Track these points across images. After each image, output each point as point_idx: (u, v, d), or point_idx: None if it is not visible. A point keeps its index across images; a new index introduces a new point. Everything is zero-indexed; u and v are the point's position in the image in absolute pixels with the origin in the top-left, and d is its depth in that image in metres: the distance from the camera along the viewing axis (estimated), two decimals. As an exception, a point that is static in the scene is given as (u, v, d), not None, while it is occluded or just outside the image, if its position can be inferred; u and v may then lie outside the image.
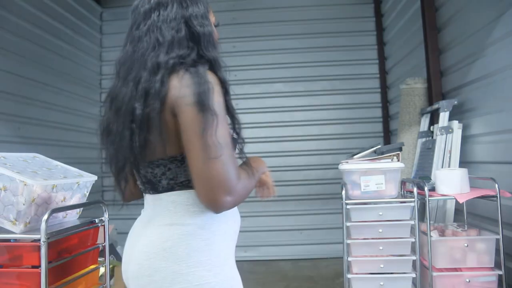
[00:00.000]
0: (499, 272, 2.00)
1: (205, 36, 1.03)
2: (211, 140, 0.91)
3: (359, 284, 2.16)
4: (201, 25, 1.03)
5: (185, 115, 0.93)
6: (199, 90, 0.93)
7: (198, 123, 0.91)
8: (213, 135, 0.91)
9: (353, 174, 2.21)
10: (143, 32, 1.02)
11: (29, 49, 3.38)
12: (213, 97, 0.93)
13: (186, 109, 0.93)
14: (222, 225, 1.03)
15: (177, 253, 0.97)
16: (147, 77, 0.97)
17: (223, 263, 1.01)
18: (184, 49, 1.00)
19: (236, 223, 1.11)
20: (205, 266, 0.97)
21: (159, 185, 1.03)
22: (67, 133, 3.88)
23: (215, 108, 0.92)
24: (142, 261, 0.99)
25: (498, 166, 2.32)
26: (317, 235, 4.49)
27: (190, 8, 1.04)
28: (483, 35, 2.44)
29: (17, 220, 1.57)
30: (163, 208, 1.02)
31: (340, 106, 4.64)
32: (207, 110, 0.91)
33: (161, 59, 0.97)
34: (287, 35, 4.69)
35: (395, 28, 4.18)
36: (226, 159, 0.92)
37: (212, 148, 0.91)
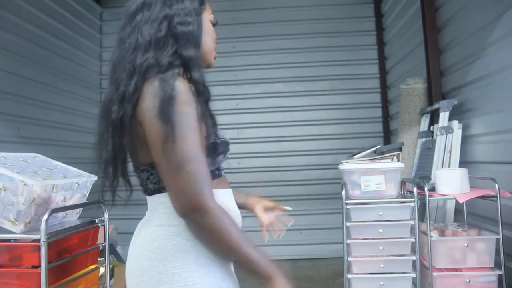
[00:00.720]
0: (499, 272, 2.00)
1: (184, 35, 0.99)
2: (172, 154, 0.88)
3: (359, 284, 2.16)
4: (182, 23, 1.00)
5: (148, 127, 0.92)
6: (161, 102, 0.89)
7: (159, 136, 0.89)
8: (173, 148, 0.88)
9: (353, 174, 2.21)
10: (127, 33, 1.01)
11: (29, 49, 3.38)
12: (176, 108, 0.89)
13: (150, 122, 0.91)
14: None
15: (163, 253, 0.97)
16: (125, 80, 0.96)
17: (211, 265, 0.99)
18: (160, 50, 0.97)
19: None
20: (191, 267, 0.96)
21: (147, 188, 1.04)
22: (67, 133, 3.88)
23: (178, 119, 0.89)
24: (133, 261, 1.01)
25: (498, 166, 2.32)
26: (317, 235, 4.49)
27: (175, 6, 1.01)
28: (483, 35, 2.44)
29: (17, 220, 1.57)
30: (154, 209, 1.03)
31: (340, 106, 4.64)
32: (168, 123, 0.88)
33: (137, 62, 0.96)
34: (287, 35, 4.69)
35: (395, 28, 4.18)
36: (196, 171, 0.89)
37: (174, 162, 0.89)
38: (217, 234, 0.92)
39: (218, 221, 0.91)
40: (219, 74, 4.51)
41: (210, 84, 1.04)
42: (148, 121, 0.92)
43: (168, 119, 0.89)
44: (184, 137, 0.89)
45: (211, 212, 0.90)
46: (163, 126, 0.89)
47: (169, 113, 0.89)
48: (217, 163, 1.05)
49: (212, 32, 1.11)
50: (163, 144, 0.89)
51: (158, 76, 0.93)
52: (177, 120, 0.89)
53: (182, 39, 0.99)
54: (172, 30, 0.99)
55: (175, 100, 0.90)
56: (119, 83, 0.97)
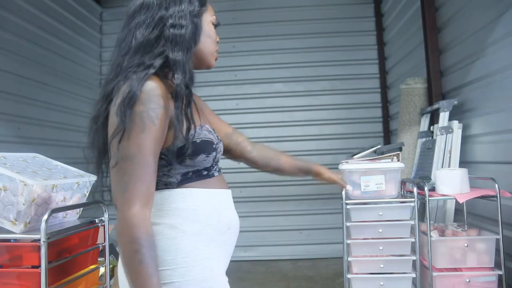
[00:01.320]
0: (499, 272, 2.00)
1: (175, 38, 0.99)
2: (113, 149, 0.92)
3: (359, 284, 2.16)
4: (175, 26, 1.00)
5: (110, 120, 0.96)
6: (122, 99, 0.92)
7: (111, 129, 0.94)
8: (116, 144, 0.92)
9: (353, 174, 2.21)
10: (124, 35, 1.03)
11: (29, 49, 3.38)
12: (133, 106, 0.91)
13: (110, 117, 0.96)
14: (194, 225, 1.01)
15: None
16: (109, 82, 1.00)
17: (192, 264, 0.98)
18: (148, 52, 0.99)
19: (222, 223, 1.05)
20: (170, 265, 0.97)
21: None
22: (67, 133, 3.88)
23: (131, 117, 0.91)
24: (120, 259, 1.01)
25: (498, 166, 2.32)
26: (317, 235, 4.49)
27: (171, 8, 1.01)
28: (483, 35, 2.44)
29: (17, 220, 1.57)
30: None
31: (340, 106, 4.64)
32: (120, 119, 0.91)
33: (124, 64, 0.98)
34: (287, 35, 4.69)
35: (395, 28, 4.18)
36: (121, 172, 0.91)
37: (113, 157, 0.92)
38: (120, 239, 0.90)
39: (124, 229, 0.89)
40: (219, 74, 4.51)
41: (210, 84, 1.04)
42: (111, 117, 0.95)
43: (122, 115, 0.91)
44: (129, 135, 0.91)
45: (123, 215, 0.90)
46: (116, 121, 0.92)
47: (125, 110, 0.91)
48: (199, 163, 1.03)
49: (213, 33, 1.11)
50: (110, 138, 0.93)
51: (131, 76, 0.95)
52: (129, 118, 0.91)
53: (172, 42, 0.99)
54: (164, 33, 0.99)
55: (135, 99, 0.91)
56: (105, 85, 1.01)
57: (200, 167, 1.03)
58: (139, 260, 0.88)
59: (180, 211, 1.00)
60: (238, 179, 4.43)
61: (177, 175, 1.02)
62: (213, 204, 1.04)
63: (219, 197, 1.08)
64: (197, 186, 1.03)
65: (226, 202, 1.10)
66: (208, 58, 1.11)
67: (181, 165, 1.00)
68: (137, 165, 0.91)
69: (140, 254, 0.88)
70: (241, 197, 4.45)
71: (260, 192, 4.54)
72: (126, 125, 0.91)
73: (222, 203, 1.08)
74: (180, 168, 1.01)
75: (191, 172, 1.03)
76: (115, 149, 0.92)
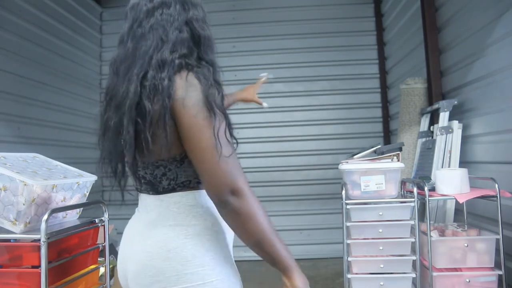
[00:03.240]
0: (499, 272, 2.00)
1: (206, 39, 1.04)
2: (223, 140, 0.93)
3: (359, 284, 2.16)
4: (201, 28, 1.05)
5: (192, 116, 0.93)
6: (208, 92, 0.94)
7: (208, 124, 0.93)
8: (223, 135, 0.94)
9: (353, 174, 2.21)
10: (146, 29, 1.02)
11: (29, 49, 3.38)
12: (220, 98, 0.96)
13: (194, 110, 0.93)
14: (222, 224, 1.04)
15: (182, 253, 0.98)
16: (153, 74, 0.96)
17: (225, 261, 1.03)
18: (185, 50, 1.01)
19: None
20: (210, 265, 0.99)
21: (159, 186, 1.02)
22: (67, 133, 3.88)
23: (222, 109, 0.96)
24: (146, 261, 0.99)
25: (498, 166, 2.32)
26: (317, 235, 4.49)
27: (191, 11, 1.05)
28: (483, 35, 2.44)
29: (17, 220, 1.57)
30: (165, 209, 1.02)
31: (340, 106, 4.64)
32: (215, 111, 0.94)
33: (166, 57, 0.98)
34: (287, 35, 4.69)
35: (395, 28, 4.18)
36: (234, 159, 0.95)
37: (224, 147, 0.93)
38: (249, 217, 0.94)
39: (252, 205, 0.94)
40: (219, 74, 4.50)
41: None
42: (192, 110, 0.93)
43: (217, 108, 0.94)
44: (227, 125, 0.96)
45: (246, 195, 0.94)
46: (213, 114, 0.93)
47: (216, 104, 0.94)
48: None
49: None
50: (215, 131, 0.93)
51: (194, 70, 0.97)
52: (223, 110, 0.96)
53: (203, 44, 1.04)
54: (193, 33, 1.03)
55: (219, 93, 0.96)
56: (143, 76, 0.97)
57: None
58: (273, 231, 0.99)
59: (213, 209, 1.02)
60: (238, 179, 4.43)
61: None
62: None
63: None
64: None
65: None
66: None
67: None
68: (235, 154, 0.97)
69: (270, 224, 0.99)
70: (241, 197, 4.44)
71: (260, 192, 4.51)
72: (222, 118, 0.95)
73: None
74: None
75: None
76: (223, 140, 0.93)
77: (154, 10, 1.03)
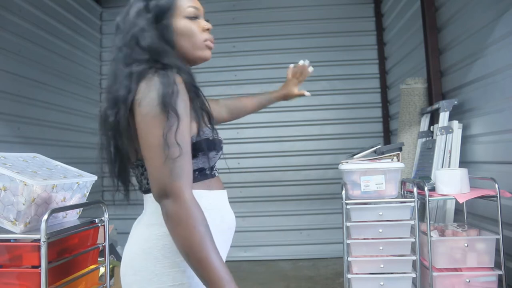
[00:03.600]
0: (499, 272, 2.00)
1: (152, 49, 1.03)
2: (171, 141, 0.91)
3: (359, 284, 2.16)
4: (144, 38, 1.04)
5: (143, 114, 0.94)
6: (163, 92, 0.93)
7: (157, 123, 0.92)
8: (172, 136, 0.92)
9: (353, 174, 2.21)
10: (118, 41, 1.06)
11: (29, 49, 3.38)
12: (177, 100, 0.94)
13: (146, 109, 0.94)
14: None
15: (154, 253, 0.98)
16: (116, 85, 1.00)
17: None
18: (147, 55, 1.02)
19: (224, 223, 1.09)
20: (180, 267, 0.98)
21: (141, 185, 1.07)
22: (67, 133, 3.88)
23: (178, 111, 0.93)
24: (128, 260, 1.03)
25: (498, 166, 2.32)
26: (317, 235, 4.49)
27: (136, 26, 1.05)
28: (483, 35, 2.44)
29: (17, 220, 1.57)
30: (147, 209, 1.06)
31: (340, 106, 4.64)
32: (169, 111, 0.92)
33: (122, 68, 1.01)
34: (287, 35, 4.69)
35: (395, 28, 4.18)
36: (181, 162, 0.92)
37: (165, 148, 0.91)
38: (180, 224, 0.90)
39: (186, 213, 0.90)
40: (219, 74, 4.51)
41: (210, 84, 1.04)
42: (142, 110, 0.94)
43: (170, 108, 0.92)
44: (179, 127, 0.93)
45: (183, 201, 0.90)
46: (163, 115, 0.92)
47: (172, 103, 0.93)
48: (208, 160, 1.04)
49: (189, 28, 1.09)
50: (162, 131, 0.92)
51: (158, 72, 0.97)
52: (177, 111, 0.93)
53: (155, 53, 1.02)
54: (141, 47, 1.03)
55: (176, 93, 0.94)
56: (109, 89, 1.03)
57: (207, 165, 1.05)
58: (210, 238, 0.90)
59: None
60: (238, 179, 4.43)
61: None
62: (216, 205, 1.07)
63: (220, 198, 1.11)
64: (201, 188, 1.04)
65: (226, 203, 1.13)
66: (195, 53, 1.10)
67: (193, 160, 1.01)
68: (184, 153, 0.93)
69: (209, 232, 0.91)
70: (241, 197, 4.45)
71: (260, 192, 4.54)
72: (177, 118, 0.93)
73: (223, 203, 1.11)
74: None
75: (197, 171, 1.04)
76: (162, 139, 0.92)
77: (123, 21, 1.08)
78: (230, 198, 1.16)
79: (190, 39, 1.09)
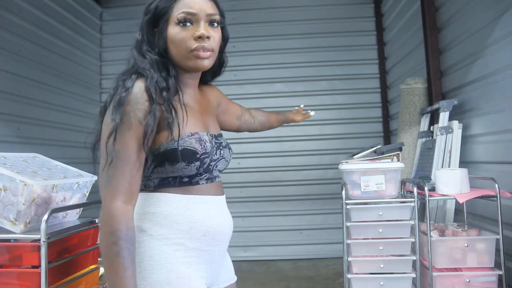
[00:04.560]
0: (499, 272, 2.00)
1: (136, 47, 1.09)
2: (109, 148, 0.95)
3: (359, 284, 2.16)
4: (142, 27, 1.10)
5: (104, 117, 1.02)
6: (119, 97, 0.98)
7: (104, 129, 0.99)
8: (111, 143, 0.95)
9: (353, 174, 2.21)
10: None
11: (29, 49, 3.38)
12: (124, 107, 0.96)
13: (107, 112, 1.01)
14: (163, 230, 1.02)
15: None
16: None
17: (156, 267, 1.00)
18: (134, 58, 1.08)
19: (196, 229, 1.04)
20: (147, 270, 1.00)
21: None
22: (67, 133, 3.88)
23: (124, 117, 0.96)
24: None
25: (498, 166, 2.32)
26: (317, 235, 4.49)
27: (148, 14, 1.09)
28: (483, 35, 2.44)
29: (17, 220, 1.57)
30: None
31: (340, 106, 4.63)
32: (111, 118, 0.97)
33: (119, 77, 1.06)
34: (287, 35, 4.69)
35: (395, 28, 4.18)
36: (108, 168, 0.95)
37: (104, 154, 0.96)
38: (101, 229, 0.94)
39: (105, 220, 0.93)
40: (219, 74, 4.50)
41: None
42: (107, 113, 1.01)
43: (117, 114, 0.96)
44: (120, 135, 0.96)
45: (104, 208, 0.94)
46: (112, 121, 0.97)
47: (119, 110, 0.96)
48: (178, 171, 1.02)
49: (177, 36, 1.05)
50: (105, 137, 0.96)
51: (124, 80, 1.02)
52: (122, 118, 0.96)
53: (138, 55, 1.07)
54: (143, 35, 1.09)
55: (125, 99, 0.97)
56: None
57: (181, 174, 1.03)
58: (115, 252, 0.91)
59: (151, 215, 1.03)
60: (238, 179, 4.43)
61: (156, 179, 1.04)
62: (186, 211, 1.03)
63: (197, 203, 1.05)
64: (173, 192, 1.04)
65: (206, 208, 1.07)
66: (184, 62, 1.07)
67: (161, 169, 1.02)
68: (121, 162, 0.95)
69: (118, 246, 0.91)
70: (241, 197, 4.45)
71: (260, 192, 4.54)
72: (117, 124, 0.95)
73: (199, 209, 1.05)
74: (160, 172, 1.03)
75: (171, 178, 1.04)
76: (104, 146, 0.96)
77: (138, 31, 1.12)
78: (230, 198, 1.14)
79: (178, 48, 1.06)
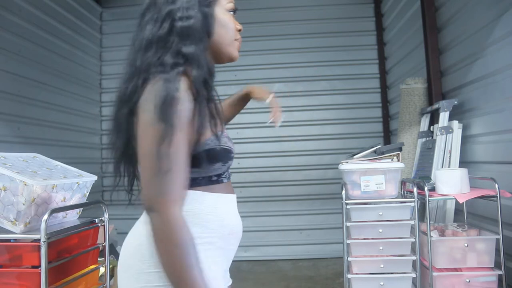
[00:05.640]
0: (499, 272, 2.00)
1: (184, 30, 0.96)
2: (164, 152, 0.87)
3: (359, 284, 2.16)
4: (182, 18, 0.97)
5: (141, 121, 0.91)
6: (161, 100, 0.88)
7: (152, 131, 0.88)
8: (166, 147, 0.87)
9: (353, 174, 2.21)
10: (136, 34, 1.01)
11: (29, 49, 3.38)
12: (176, 110, 0.88)
13: (145, 116, 0.90)
14: (194, 228, 0.97)
15: (142, 251, 0.96)
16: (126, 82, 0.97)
17: None
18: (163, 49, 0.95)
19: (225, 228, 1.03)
20: None
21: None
22: (67, 133, 3.88)
23: (175, 121, 0.88)
24: (121, 257, 1.02)
25: (498, 166, 2.32)
26: (317, 235, 4.49)
27: (178, 1, 0.98)
28: (483, 35, 2.44)
29: (17, 220, 1.57)
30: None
31: (340, 106, 4.64)
32: (166, 120, 0.87)
33: (137, 63, 0.96)
34: (287, 35, 4.69)
35: (395, 28, 4.18)
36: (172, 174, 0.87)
37: (164, 160, 0.87)
38: (164, 241, 0.86)
39: (170, 230, 0.86)
40: (219, 74, 4.43)
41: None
42: (142, 117, 0.90)
43: (166, 118, 0.87)
44: (173, 139, 0.88)
45: (166, 218, 0.86)
46: (159, 123, 0.87)
47: (169, 113, 0.88)
48: (213, 170, 1.00)
49: (229, 22, 1.06)
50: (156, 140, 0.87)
51: (162, 76, 0.91)
52: (173, 122, 0.88)
53: (182, 35, 0.96)
54: (174, 27, 0.96)
55: (175, 102, 0.88)
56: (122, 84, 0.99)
57: (214, 173, 1.01)
58: (189, 264, 0.86)
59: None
60: (238, 179, 4.43)
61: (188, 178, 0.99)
62: (216, 209, 1.02)
63: (223, 201, 1.05)
64: (202, 190, 1.01)
65: (230, 207, 1.07)
66: (227, 49, 1.08)
67: (196, 169, 0.97)
68: (177, 166, 0.88)
69: (190, 256, 0.86)
70: (241, 197, 4.44)
71: (260, 192, 4.54)
72: (173, 129, 0.87)
73: (225, 207, 1.05)
74: (194, 172, 0.97)
75: (202, 177, 1.00)
76: (154, 150, 0.87)
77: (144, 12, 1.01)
78: (230, 198, 1.15)
79: (228, 32, 1.06)
